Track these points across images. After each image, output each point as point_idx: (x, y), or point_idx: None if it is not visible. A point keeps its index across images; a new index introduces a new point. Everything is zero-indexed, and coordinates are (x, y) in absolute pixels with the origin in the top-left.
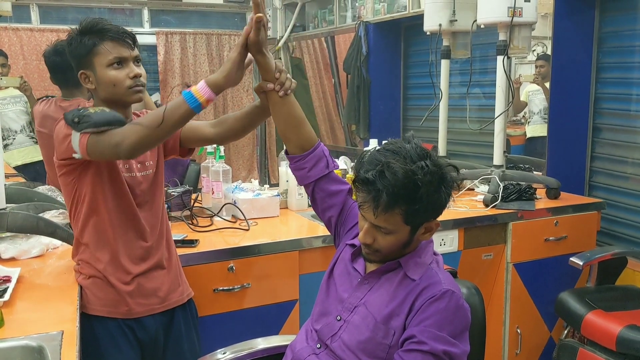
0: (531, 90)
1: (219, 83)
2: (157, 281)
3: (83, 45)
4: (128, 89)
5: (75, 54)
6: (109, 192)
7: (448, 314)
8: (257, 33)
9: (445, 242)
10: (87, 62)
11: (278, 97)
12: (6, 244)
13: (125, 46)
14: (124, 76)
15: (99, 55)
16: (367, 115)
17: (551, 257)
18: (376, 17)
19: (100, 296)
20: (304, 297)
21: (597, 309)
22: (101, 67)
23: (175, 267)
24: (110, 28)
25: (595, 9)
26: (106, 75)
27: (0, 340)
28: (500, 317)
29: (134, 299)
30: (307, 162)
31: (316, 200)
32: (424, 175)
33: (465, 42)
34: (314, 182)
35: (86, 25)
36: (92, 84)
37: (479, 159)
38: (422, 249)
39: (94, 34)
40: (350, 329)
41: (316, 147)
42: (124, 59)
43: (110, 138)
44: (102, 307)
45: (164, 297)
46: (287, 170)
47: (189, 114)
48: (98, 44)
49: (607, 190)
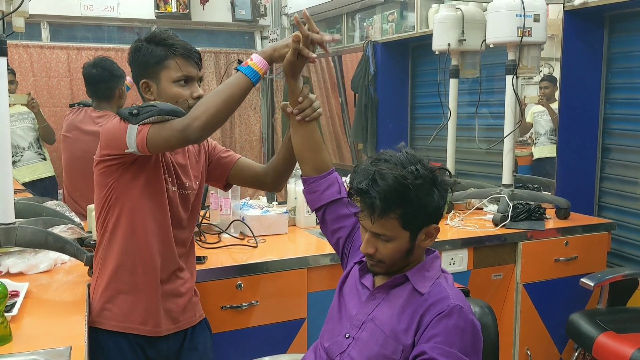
0: (537, 112)
1: (268, 52)
2: (173, 302)
3: (153, 55)
4: (189, 108)
5: (141, 62)
6: (147, 203)
7: (458, 330)
8: (293, 53)
9: (454, 261)
10: (153, 73)
11: (300, 124)
12: (14, 258)
13: (193, 65)
14: (188, 95)
15: (167, 69)
16: (374, 134)
17: (561, 277)
18: (384, 37)
19: (114, 310)
20: (312, 316)
21: (609, 331)
22: (167, 81)
23: (191, 289)
24: (182, 44)
25: (604, 29)
26: (171, 91)
27: (9, 356)
28: (510, 338)
29: (149, 316)
30: (320, 184)
31: (326, 222)
32: (414, 179)
33: (474, 61)
34: (326, 204)
35: (158, 35)
36: (152, 94)
37: (487, 179)
38: (429, 264)
39: (165, 47)
40: (359, 345)
41: (330, 172)
42: (190, 78)
43: (177, 123)
44: (114, 321)
45: (177, 318)
46: (295, 187)
47: (249, 86)
48: (169, 57)
49: (616, 211)
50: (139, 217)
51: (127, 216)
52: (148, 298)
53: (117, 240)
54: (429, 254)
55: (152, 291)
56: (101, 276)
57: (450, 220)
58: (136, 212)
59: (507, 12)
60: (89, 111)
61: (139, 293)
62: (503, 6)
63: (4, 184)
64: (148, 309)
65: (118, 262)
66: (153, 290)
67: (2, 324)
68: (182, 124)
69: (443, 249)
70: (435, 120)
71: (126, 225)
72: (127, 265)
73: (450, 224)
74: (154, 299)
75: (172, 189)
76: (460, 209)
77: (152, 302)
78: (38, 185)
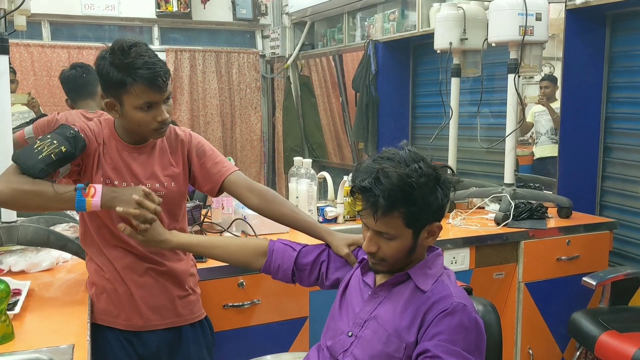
0: (537, 111)
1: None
2: (160, 297)
3: (112, 79)
4: (153, 130)
5: (103, 81)
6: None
7: (461, 328)
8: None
9: (456, 260)
10: (115, 95)
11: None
12: (16, 257)
13: (157, 90)
14: (151, 119)
15: (128, 94)
16: (375, 133)
17: (563, 276)
18: (385, 36)
19: (101, 306)
20: (314, 314)
21: (611, 330)
22: (129, 106)
23: (183, 284)
24: (143, 67)
25: (606, 28)
26: (133, 116)
27: (11, 354)
28: (512, 338)
29: (134, 311)
30: (275, 261)
31: (323, 281)
32: (418, 177)
33: (476, 60)
34: (292, 275)
35: (119, 56)
36: (117, 113)
37: (488, 178)
38: (432, 261)
39: (126, 72)
40: (361, 344)
41: (272, 246)
42: (154, 103)
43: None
44: (102, 316)
45: (167, 315)
46: (296, 186)
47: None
48: (130, 84)
49: (618, 210)
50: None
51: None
52: (118, 292)
53: (88, 236)
54: (432, 252)
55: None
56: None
57: (452, 219)
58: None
59: (509, 10)
60: (86, 114)
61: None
62: (505, 5)
63: None
64: (120, 302)
65: (93, 257)
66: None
67: (5, 322)
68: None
69: (445, 248)
70: (436, 120)
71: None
72: (99, 262)
73: (452, 223)
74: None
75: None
76: (462, 208)
77: (123, 296)
78: None
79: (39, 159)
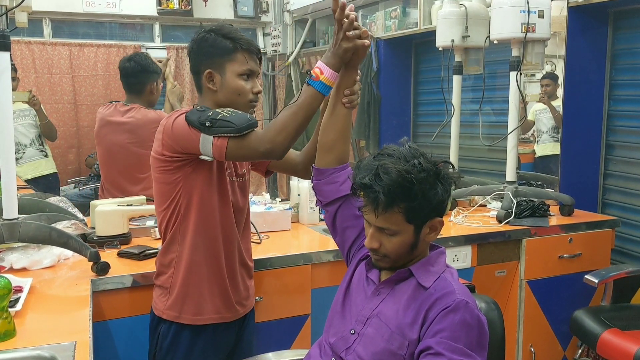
0: (538, 110)
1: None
2: (242, 290)
3: (219, 47)
4: (248, 102)
5: (206, 52)
6: (215, 193)
7: (464, 325)
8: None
9: (458, 257)
10: (219, 64)
11: (344, 109)
12: (18, 254)
13: (256, 61)
14: (249, 89)
15: (234, 62)
16: (377, 131)
17: (565, 274)
18: (387, 34)
19: (190, 303)
20: (316, 312)
21: (613, 328)
22: (232, 73)
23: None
24: (247, 39)
25: (608, 26)
26: (235, 83)
27: (13, 351)
28: (514, 335)
29: (224, 304)
30: (341, 175)
31: (337, 218)
32: (417, 173)
33: (478, 57)
34: (344, 197)
35: (225, 28)
36: (215, 85)
37: (489, 176)
38: (434, 259)
39: (232, 40)
40: (364, 341)
41: (348, 165)
42: (253, 73)
43: (257, 143)
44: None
45: (244, 304)
46: (298, 184)
47: (321, 100)
48: (236, 50)
49: (620, 208)
50: (208, 210)
51: (197, 210)
52: (220, 287)
53: (188, 235)
54: (435, 250)
55: (217, 280)
56: (176, 273)
57: (454, 217)
58: (205, 205)
59: (512, 8)
60: (117, 106)
61: (212, 285)
62: (507, 2)
63: (8, 179)
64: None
65: (191, 257)
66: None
67: (6, 319)
68: (265, 146)
69: (447, 245)
70: (438, 117)
71: (196, 220)
72: (199, 259)
73: (454, 221)
74: (224, 287)
75: (230, 179)
76: (464, 206)
77: (224, 290)
78: (41, 182)
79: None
